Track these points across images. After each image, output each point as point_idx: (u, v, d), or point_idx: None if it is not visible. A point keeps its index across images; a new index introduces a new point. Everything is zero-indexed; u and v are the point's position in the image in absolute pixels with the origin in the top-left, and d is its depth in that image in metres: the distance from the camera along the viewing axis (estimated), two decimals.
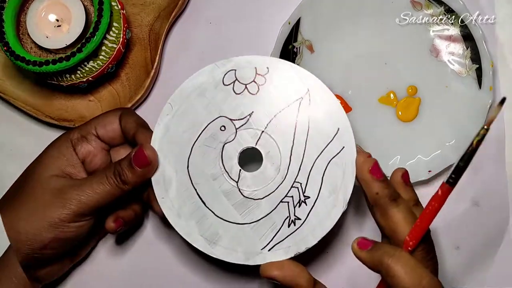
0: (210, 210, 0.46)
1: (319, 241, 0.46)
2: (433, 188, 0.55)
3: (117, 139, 0.51)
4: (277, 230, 0.46)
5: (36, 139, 0.57)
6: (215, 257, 0.46)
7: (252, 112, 0.47)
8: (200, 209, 0.46)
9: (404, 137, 0.55)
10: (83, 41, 0.49)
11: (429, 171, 0.53)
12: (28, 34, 0.51)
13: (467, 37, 0.54)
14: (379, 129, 0.55)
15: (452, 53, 0.55)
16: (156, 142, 0.47)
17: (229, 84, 0.47)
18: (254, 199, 0.46)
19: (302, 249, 0.45)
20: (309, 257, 0.55)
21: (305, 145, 0.46)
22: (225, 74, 0.47)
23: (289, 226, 0.46)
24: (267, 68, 0.47)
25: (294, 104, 0.47)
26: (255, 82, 0.47)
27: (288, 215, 0.46)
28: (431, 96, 0.55)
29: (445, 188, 0.39)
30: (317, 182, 0.46)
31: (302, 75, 0.47)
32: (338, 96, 0.56)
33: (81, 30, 0.50)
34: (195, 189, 0.46)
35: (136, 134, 0.48)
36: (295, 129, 0.46)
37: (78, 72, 0.51)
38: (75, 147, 0.49)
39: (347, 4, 0.55)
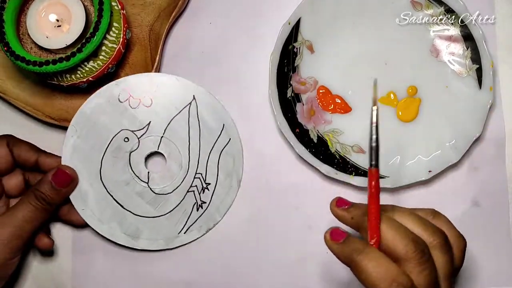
0: (128, 211, 0.54)
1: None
2: (433, 188, 0.55)
3: (6, 167, 0.52)
4: (188, 215, 0.54)
5: (36, 139, 0.57)
6: (140, 248, 0.54)
7: (150, 121, 0.54)
8: (119, 212, 0.54)
9: (404, 137, 0.55)
10: (83, 41, 0.49)
11: (429, 171, 0.53)
12: (28, 34, 0.51)
13: (467, 37, 0.54)
14: (380, 129, 0.55)
15: (452, 53, 0.55)
16: (66, 162, 0.53)
17: (124, 101, 0.54)
18: (165, 194, 0.54)
19: (211, 225, 0.55)
20: (310, 258, 0.55)
21: (199, 142, 0.54)
22: (119, 93, 0.54)
23: (197, 210, 0.54)
24: (156, 83, 0.54)
25: (184, 109, 0.54)
26: (147, 96, 0.54)
27: (195, 201, 0.54)
28: (431, 96, 0.55)
29: (373, 171, 0.40)
30: (214, 170, 0.55)
31: (187, 85, 0.54)
32: (338, 96, 0.56)
33: (81, 30, 0.50)
34: (111, 196, 0.54)
35: (40, 159, 0.52)
36: (188, 130, 0.54)
37: (78, 72, 0.51)
38: None
39: (347, 4, 0.55)
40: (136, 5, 0.57)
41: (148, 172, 0.54)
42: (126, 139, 0.54)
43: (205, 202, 0.55)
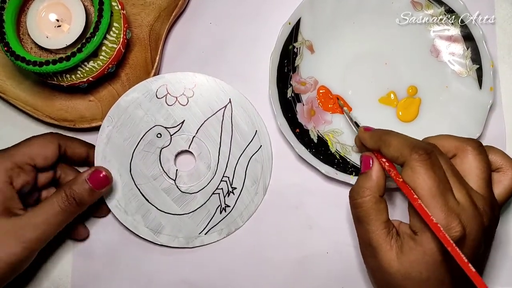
0: (153, 205, 0.54)
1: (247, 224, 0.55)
2: None
3: (50, 165, 0.52)
4: (211, 217, 0.55)
5: None
6: (160, 244, 0.54)
7: (184, 120, 0.54)
8: (144, 205, 0.54)
9: None
10: (83, 41, 0.49)
11: None
12: (28, 34, 0.51)
13: (468, 37, 0.54)
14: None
15: (453, 53, 0.55)
16: (100, 150, 0.54)
17: (161, 97, 0.54)
18: (190, 193, 0.55)
19: (232, 230, 0.55)
20: (310, 258, 0.55)
21: (230, 145, 0.55)
22: (157, 89, 0.54)
23: (220, 212, 0.55)
24: (194, 83, 0.54)
25: (219, 112, 0.55)
26: (185, 95, 0.54)
27: (219, 203, 0.55)
28: (431, 97, 0.55)
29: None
30: (242, 175, 0.55)
31: (225, 88, 0.55)
32: (338, 96, 0.56)
33: (81, 30, 0.50)
34: (139, 189, 0.54)
35: (90, 153, 0.54)
36: (221, 133, 0.55)
37: (78, 72, 0.51)
38: (12, 180, 0.49)
39: (347, 4, 0.55)
40: (136, 5, 0.57)
41: (177, 170, 0.55)
42: (159, 135, 0.54)
43: (229, 206, 0.55)
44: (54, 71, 0.49)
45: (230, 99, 0.55)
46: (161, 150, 0.55)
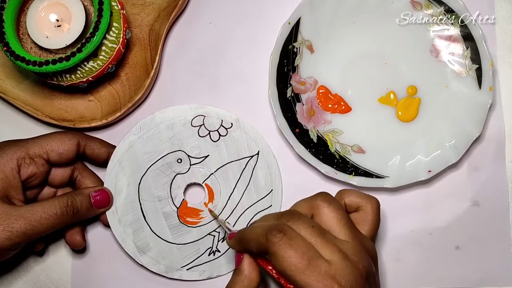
0: (148, 224, 0.54)
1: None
2: (433, 188, 0.55)
3: (65, 162, 0.51)
4: (199, 256, 0.54)
5: None
6: (141, 264, 0.54)
7: (208, 155, 0.54)
8: (139, 221, 0.54)
9: (404, 137, 0.55)
10: (83, 41, 0.49)
11: (429, 171, 0.53)
12: (28, 34, 0.51)
13: (467, 37, 0.54)
14: (379, 129, 0.55)
15: (452, 53, 0.55)
16: (118, 154, 0.53)
17: (196, 126, 0.54)
18: (187, 226, 0.54)
19: (214, 275, 0.54)
20: None
21: (242, 195, 0.54)
22: (194, 117, 0.54)
23: (209, 255, 0.54)
24: (231, 123, 0.54)
25: (244, 160, 0.54)
26: (218, 132, 0.54)
27: (211, 246, 0.54)
28: (431, 96, 0.55)
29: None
30: (242, 226, 0.53)
31: (258, 138, 0.55)
32: (337, 96, 0.56)
33: (81, 30, 0.50)
34: (140, 204, 0.54)
35: (109, 157, 0.53)
36: (238, 180, 0.54)
37: (78, 72, 0.51)
38: (20, 168, 0.49)
39: (347, 4, 0.55)
40: (136, 5, 0.57)
41: (183, 199, 0.54)
42: (179, 160, 0.54)
43: (219, 251, 0.54)
44: (53, 71, 0.49)
45: (259, 151, 0.55)
46: (175, 175, 0.54)
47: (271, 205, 0.54)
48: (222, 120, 0.55)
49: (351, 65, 0.56)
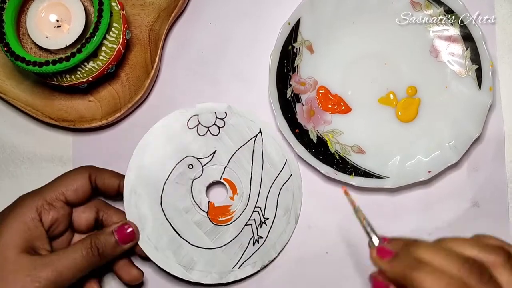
0: (185, 240, 0.53)
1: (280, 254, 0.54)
2: (433, 189, 0.55)
3: (83, 199, 0.50)
4: (244, 249, 0.53)
5: (36, 139, 0.57)
6: (193, 281, 0.52)
7: (215, 150, 0.54)
8: (175, 240, 0.52)
9: (404, 137, 0.55)
10: (83, 41, 0.49)
11: (429, 172, 0.53)
12: (28, 35, 0.51)
13: (467, 38, 0.54)
14: (379, 130, 0.55)
15: (452, 53, 0.55)
16: (129, 183, 0.52)
17: (193, 128, 0.54)
18: (223, 226, 0.53)
19: (265, 262, 0.53)
20: (310, 258, 0.55)
21: (261, 175, 0.54)
22: (189, 119, 0.54)
23: (253, 244, 0.53)
24: (225, 113, 0.54)
25: (250, 141, 0.54)
26: (216, 125, 0.54)
27: (252, 235, 0.53)
28: (431, 97, 0.55)
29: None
30: (273, 205, 0.54)
31: (255, 118, 0.54)
32: (337, 97, 0.56)
33: (81, 31, 0.50)
34: (170, 223, 0.53)
35: (121, 185, 0.52)
36: (252, 162, 0.54)
37: (78, 72, 0.51)
38: (41, 217, 0.48)
39: (347, 4, 0.55)
40: (136, 5, 0.57)
41: (208, 202, 0.53)
42: (190, 166, 0.53)
43: (261, 237, 0.53)
44: (54, 72, 0.49)
45: (260, 129, 0.54)
46: (192, 182, 0.53)
47: (291, 174, 0.54)
48: (215, 113, 0.54)
49: (351, 65, 0.56)
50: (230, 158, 0.54)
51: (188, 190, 0.53)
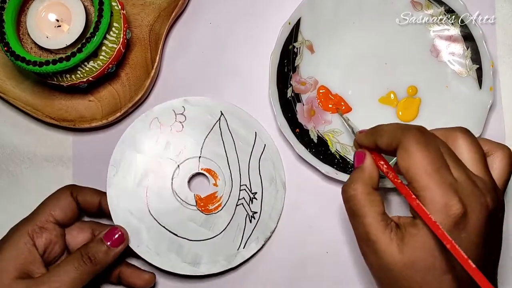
0: (184, 238, 0.53)
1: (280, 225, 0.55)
2: None
3: (72, 217, 0.51)
4: (243, 229, 0.53)
5: (36, 139, 0.57)
6: (202, 274, 0.53)
7: (185, 145, 0.54)
8: (174, 241, 0.53)
9: None
10: (83, 41, 0.49)
11: None
12: (28, 34, 0.51)
13: (467, 37, 0.54)
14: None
15: (452, 53, 0.55)
16: (113, 201, 0.52)
17: (156, 130, 0.54)
18: (215, 213, 0.54)
19: (268, 234, 0.54)
20: (310, 258, 0.55)
21: (236, 154, 0.54)
22: (150, 124, 0.54)
23: (250, 221, 0.54)
24: (183, 107, 0.54)
25: (215, 126, 0.54)
26: (178, 122, 0.54)
27: (246, 213, 0.54)
28: (431, 96, 0.55)
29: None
30: (257, 178, 0.54)
31: (213, 102, 0.55)
32: (338, 96, 0.56)
33: (81, 30, 0.50)
34: (164, 227, 0.53)
35: (103, 201, 0.52)
36: (223, 145, 0.54)
37: (78, 72, 0.51)
38: (34, 241, 0.48)
39: (347, 4, 0.55)
40: (136, 5, 0.57)
41: (194, 195, 0.54)
42: (166, 168, 0.54)
43: (256, 212, 0.54)
44: (54, 71, 0.49)
45: (221, 111, 0.55)
46: (172, 181, 0.54)
47: (265, 145, 0.55)
48: (173, 110, 0.54)
49: (352, 65, 0.56)
50: (202, 148, 0.54)
51: (171, 191, 0.54)
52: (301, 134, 0.54)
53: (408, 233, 0.38)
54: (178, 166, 0.54)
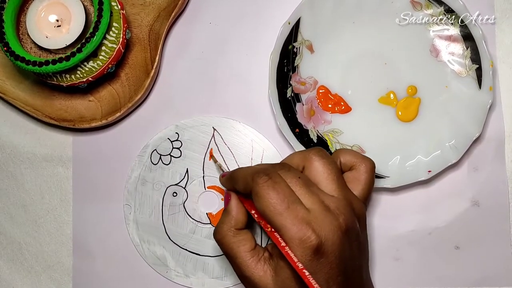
0: (206, 256, 0.55)
1: None
2: (433, 188, 0.55)
3: None
4: (260, 235, 0.55)
5: (36, 139, 0.57)
6: (232, 285, 0.55)
7: (187, 168, 0.56)
8: (198, 260, 0.55)
9: (404, 137, 0.55)
10: (83, 41, 0.49)
11: (429, 171, 0.53)
12: (28, 34, 0.51)
13: (467, 37, 0.54)
14: (379, 129, 0.55)
15: (452, 53, 0.55)
16: (135, 236, 0.56)
17: (157, 163, 0.56)
18: None
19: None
20: None
21: (237, 164, 0.56)
22: (150, 157, 0.56)
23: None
24: (177, 133, 0.56)
25: (211, 143, 0.56)
26: (175, 148, 0.56)
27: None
28: (431, 96, 0.55)
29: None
30: None
31: (204, 120, 0.56)
32: (337, 96, 0.56)
33: (81, 30, 0.50)
34: (186, 249, 0.56)
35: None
36: (223, 159, 0.55)
37: (78, 72, 0.51)
38: None
39: (346, 4, 0.55)
40: (136, 5, 0.57)
41: (207, 213, 0.56)
42: (174, 194, 0.56)
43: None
44: (53, 71, 0.49)
45: (213, 127, 0.56)
46: (184, 205, 0.56)
47: (263, 149, 0.56)
48: (168, 139, 0.56)
49: (351, 65, 0.56)
50: (203, 168, 0.56)
51: (185, 215, 0.56)
52: (301, 134, 0.54)
53: (279, 266, 0.42)
54: (186, 190, 0.56)
